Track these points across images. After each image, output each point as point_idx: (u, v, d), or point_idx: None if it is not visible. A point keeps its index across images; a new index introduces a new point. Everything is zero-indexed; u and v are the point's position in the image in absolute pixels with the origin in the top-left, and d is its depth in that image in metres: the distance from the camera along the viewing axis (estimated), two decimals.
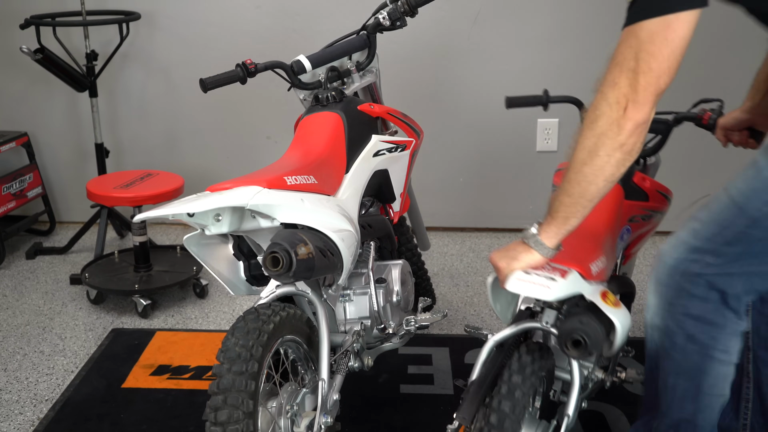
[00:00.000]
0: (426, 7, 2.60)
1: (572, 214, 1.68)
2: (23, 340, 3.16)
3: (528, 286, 1.75)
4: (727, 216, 1.71)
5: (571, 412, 1.88)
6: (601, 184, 1.62)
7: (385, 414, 2.63)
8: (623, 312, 1.85)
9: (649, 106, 1.54)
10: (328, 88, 2.50)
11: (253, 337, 1.83)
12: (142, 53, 4.11)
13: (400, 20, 2.58)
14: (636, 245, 2.48)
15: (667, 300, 1.81)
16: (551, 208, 1.71)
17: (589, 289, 1.83)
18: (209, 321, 3.31)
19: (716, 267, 1.74)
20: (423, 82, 4.00)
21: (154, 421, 2.60)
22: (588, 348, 1.75)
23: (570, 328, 1.77)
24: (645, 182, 2.35)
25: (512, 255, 1.77)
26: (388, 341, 2.42)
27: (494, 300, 2.01)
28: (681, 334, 1.80)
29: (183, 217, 1.91)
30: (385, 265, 2.49)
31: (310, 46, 2.76)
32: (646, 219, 2.37)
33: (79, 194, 3.84)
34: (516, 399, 1.74)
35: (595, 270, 1.88)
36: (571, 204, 1.66)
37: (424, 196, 3.44)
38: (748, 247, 1.70)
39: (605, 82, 1.56)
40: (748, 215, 1.67)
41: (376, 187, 2.51)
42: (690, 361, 1.81)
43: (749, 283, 1.75)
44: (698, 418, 1.85)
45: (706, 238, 1.75)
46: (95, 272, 3.51)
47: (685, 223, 1.82)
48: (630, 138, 1.56)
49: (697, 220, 1.78)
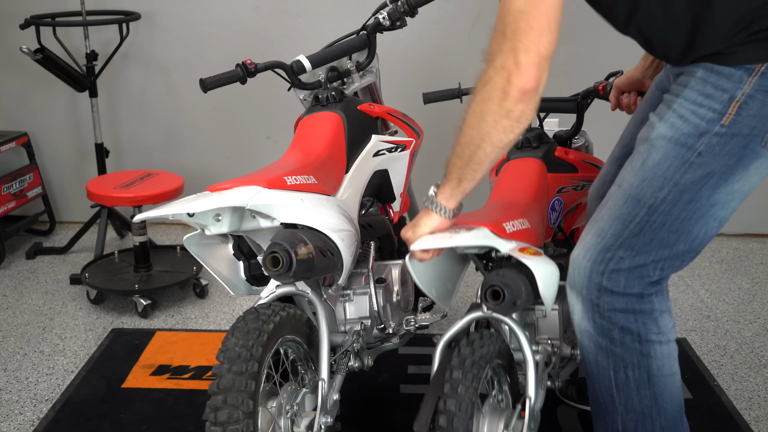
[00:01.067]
0: (426, 7, 2.60)
1: (464, 176, 1.72)
2: (23, 340, 3.16)
3: (430, 241, 1.74)
4: (627, 210, 1.78)
5: (532, 391, 1.85)
6: (488, 149, 1.66)
7: (385, 414, 2.63)
8: (544, 260, 1.83)
9: (533, 70, 1.55)
10: (328, 88, 2.50)
11: (253, 337, 1.83)
12: (142, 53, 4.11)
13: (400, 20, 2.59)
14: (579, 217, 2.50)
15: (591, 302, 1.83)
16: (446, 170, 1.76)
17: (504, 244, 1.81)
18: (209, 321, 3.31)
19: (629, 260, 1.78)
20: (423, 82, 4.00)
21: (154, 421, 2.60)
22: (507, 298, 1.73)
23: (487, 281, 1.77)
24: (569, 155, 2.38)
25: (416, 223, 1.82)
26: (388, 341, 2.42)
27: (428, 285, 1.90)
28: (614, 329, 1.83)
29: (183, 217, 1.91)
30: (385, 265, 2.49)
31: (310, 46, 2.76)
32: (579, 189, 2.41)
33: (79, 194, 3.84)
34: (460, 395, 1.71)
35: (510, 229, 1.86)
36: (462, 166, 1.71)
37: (424, 196, 3.44)
38: (654, 234, 1.76)
39: (490, 49, 1.58)
40: (646, 205, 1.75)
41: (376, 187, 2.51)
42: (631, 350, 1.83)
43: (664, 266, 1.80)
44: (660, 401, 1.87)
45: (613, 235, 1.79)
46: (95, 272, 3.51)
47: (588, 227, 1.86)
48: (517, 105, 1.59)
49: (599, 221, 1.83)
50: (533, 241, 1.96)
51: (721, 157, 1.70)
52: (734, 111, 1.67)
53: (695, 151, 1.70)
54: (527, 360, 1.89)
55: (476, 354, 1.78)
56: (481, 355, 1.78)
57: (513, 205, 2.06)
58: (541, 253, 1.87)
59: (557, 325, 2.18)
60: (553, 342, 2.18)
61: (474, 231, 1.78)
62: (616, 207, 1.80)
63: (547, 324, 2.19)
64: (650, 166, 1.75)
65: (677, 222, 1.75)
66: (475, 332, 1.88)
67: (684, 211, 1.74)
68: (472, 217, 1.86)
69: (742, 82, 1.65)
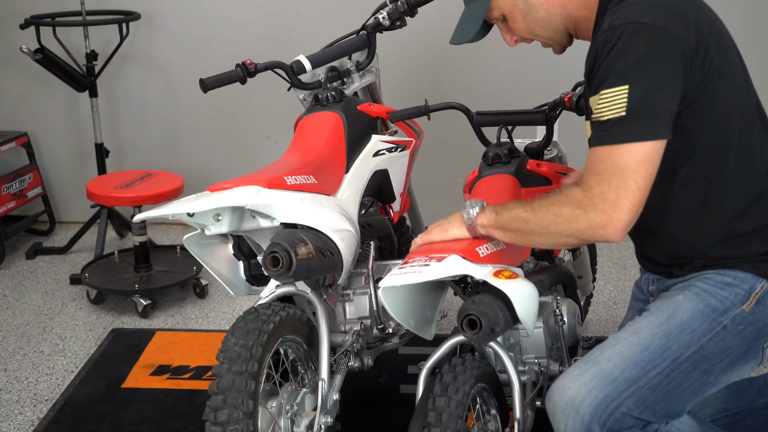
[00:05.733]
0: (426, 7, 2.60)
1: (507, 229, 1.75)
2: (23, 340, 3.16)
3: (400, 277, 1.69)
4: (648, 357, 1.68)
5: (519, 414, 1.82)
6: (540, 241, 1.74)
7: (385, 414, 2.63)
8: (519, 282, 1.73)
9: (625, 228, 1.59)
10: (328, 88, 2.50)
11: (253, 337, 1.83)
12: (142, 53, 4.11)
13: (400, 20, 2.59)
14: None
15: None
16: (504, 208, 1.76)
17: (477, 269, 1.72)
18: (209, 321, 3.31)
19: (638, 413, 1.66)
20: (423, 82, 4.00)
21: (154, 421, 2.60)
22: (484, 327, 1.65)
23: (463, 309, 1.69)
24: (541, 167, 2.31)
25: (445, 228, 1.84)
26: (388, 341, 2.42)
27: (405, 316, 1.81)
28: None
29: (183, 217, 1.92)
30: (385, 265, 2.49)
31: (310, 46, 2.76)
32: None
33: (79, 194, 3.84)
34: (443, 423, 1.69)
35: (483, 253, 1.79)
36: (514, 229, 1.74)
37: (424, 196, 3.44)
38: (670, 392, 1.69)
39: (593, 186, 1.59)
40: (671, 357, 1.68)
41: (376, 187, 2.51)
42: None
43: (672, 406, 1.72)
44: None
45: (627, 380, 1.66)
46: (95, 272, 3.51)
47: (583, 366, 1.70)
48: (590, 239, 1.64)
49: (602, 362, 1.69)
50: (510, 260, 1.87)
51: (741, 338, 1.70)
52: (754, 301, 1.70)
53: (721, 324, 1.70)
54: (513, 382, 1.86)
55: (459, 380, 1.75)
56: (464, 380, 1.75)
57: None
58: (517, 274, 1.78)
59: (543, 343, 2.09)
60: (539, 360, 2.10)
61: (445, 261, 1.72)
62: (631, 353, 1.69)
63: (533, 342, 2.09)
64: (677, 323, 1.70)
65: (690, 388, 1.70)
66: (457, 357, 1.85)
67: (698, 382, 1.70)
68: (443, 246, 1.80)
69: (759, 278, 1.71)
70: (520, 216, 1.71)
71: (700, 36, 1.61)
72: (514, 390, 1.85)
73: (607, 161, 1.57)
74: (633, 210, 1.57)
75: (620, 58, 1.58)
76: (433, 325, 1.92)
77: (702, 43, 1.61)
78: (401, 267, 1.73)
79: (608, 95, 1.58)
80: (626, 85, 1.56)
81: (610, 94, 1.57)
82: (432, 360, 1.89)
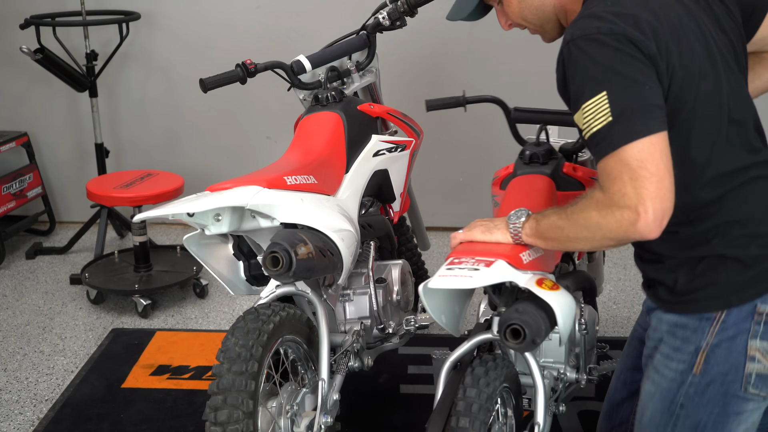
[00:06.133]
0: (426, 7, 2.60)
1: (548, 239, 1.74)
2: (23, 340, 3.16)
3: (450, 280, 1.70)
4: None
5: (540, 419, 1.82)
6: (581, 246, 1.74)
7: (385, 414, 2.63)
8: (562, 294, 1.76)
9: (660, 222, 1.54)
10: (328, 88, 2.50)
11: (253, 337, 1.83)
12: (142, 53, 4.11)
13: (400, 20, 2.59)
14: None
15: None
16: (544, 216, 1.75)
17: (522, 277, 1.74)
18: (209, 321, 3.31)
19: None
20: (423, 82, 4.00)
21: (154, 421, 2.60)
22: (528, 337, 1.67)
23: (506, 318, 1.70)
24: (577, 172, 2.30)
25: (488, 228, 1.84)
26: (388, 341, 2.42)
27: (437, 312, 1.84)
28: None
29: (183, 217, 1.92)
30: (385, 265, 2.49)
31: (310, 46, 2.76)
32: None
33: (79, 194, 3.84)
34: (473, 413, 1.69)
35: (527, 259, 1.79)
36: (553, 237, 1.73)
37: (424, 196, 3.44)
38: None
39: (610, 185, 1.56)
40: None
41: (376, 187, 2.51)
42: None
43: None
44: None
45: None
46: (95, 272, 3.51)
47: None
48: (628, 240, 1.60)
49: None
50: (546, 267, 1.88)
51: (704, 406, 1.70)
52: (702, 360, 1.69)
53: (677, 404, 1.72)
54: (538, 386, 1.86)
55: (491, 375, 1.76)
56: (495, 377, 1.77)
57: None
58: (558, 285, 1.79)
59: (563, 349, 2.10)
60: (557, 366, 2.11)
61: (493, 267, 1.72)
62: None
63: (553, 347, 2.11)
64: (645, 424, 1.78)
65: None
66: (488, 354, 1.86)
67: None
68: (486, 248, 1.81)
69: (705, 332, 1.68)
70: (556, 224, 1.71)
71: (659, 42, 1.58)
72: (539, 394, 1.85)
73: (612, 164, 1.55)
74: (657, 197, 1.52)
75: (590, 68, 1.57)
76: (460, 321, 1.94)
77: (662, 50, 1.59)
78: (449, 268, 1.73)
79: (590, 106, 1.56)
80: (603, 91, 1.55)
81: (591, 105, 1.56)
82: (455, 355, 1.88)
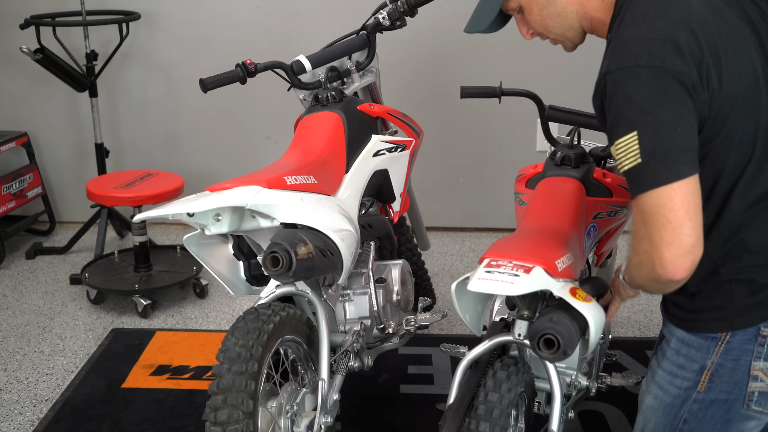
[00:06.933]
0: (426, 7, 2.60)
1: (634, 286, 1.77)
2: (23, 340, 3.16)
3: (491, 284, 1.68)
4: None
5: (555, 425, 1.82)
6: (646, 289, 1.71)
7: (385, 414, 2.63)
8: (595, 306, 1.76)
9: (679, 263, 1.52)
10: (328, 88, 2.50)
11: (253, 337, 1.83)
12: (142, 53, 4.11)
13: (400, 20, 2.59)
14: (606, 243, 2.40)
15: None
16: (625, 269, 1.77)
17: (556, 285, 1.74)
18: (209, 321, 3.31)
19: None
20: (423, 82, 4.00)
21: (154, 421, 2.60)
22: (561, 347, 1.67)
23: (540, 327, 1.68)
24: (606, 178, 2.28)
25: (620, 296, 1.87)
26: (388, 341, 2.42)
27: (462, 310, 1.86)
28: None
29: (183, 217, 1.92)
30: (385, 265, 2.49)
31: (310, 46, 2.76)
32: (612, 215, 2.30)
33: (79, 194, 3.84)
34: (494, 419, 1.68)
35: (561, 267, 1.79)
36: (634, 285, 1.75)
37: (424, 196, 3.44)
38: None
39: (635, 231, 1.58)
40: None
41: (376, 187, 2.51)
42: None
43: None
44: None
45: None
46: (95, 272, 3.51)
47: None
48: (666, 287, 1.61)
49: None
50: (575, 275, 1.88)
51: (707, 422, 1.71)
52: (707, 378, 1.70)
53: (681, 419, 1.73)
54: (555, 393, 1.85)
55: (512, 380, 1.76)
56: (516, 382, 1.76)
57: (556, 234, 1.97)
58: (591, 298, 1.78)
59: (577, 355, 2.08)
60: (570, 372, 2.10)
61: (532, 274, 1.71)
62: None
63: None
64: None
65: None
66: (509, 358, 1.86)
67: None
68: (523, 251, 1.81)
69: (710, 352, 1.68)
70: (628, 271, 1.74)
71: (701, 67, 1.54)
72: (556, 401, 1.85)
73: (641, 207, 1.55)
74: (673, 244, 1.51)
75: (623, 106, 1.55)
76: (481, 320, 1.94)
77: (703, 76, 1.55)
78: (488, 271, 1.72)
79: (622, 145, 1.55)
80: (634, 131, 1.53)
81: (623, 144, 1.55)
82: (475, 352, 1.88)
